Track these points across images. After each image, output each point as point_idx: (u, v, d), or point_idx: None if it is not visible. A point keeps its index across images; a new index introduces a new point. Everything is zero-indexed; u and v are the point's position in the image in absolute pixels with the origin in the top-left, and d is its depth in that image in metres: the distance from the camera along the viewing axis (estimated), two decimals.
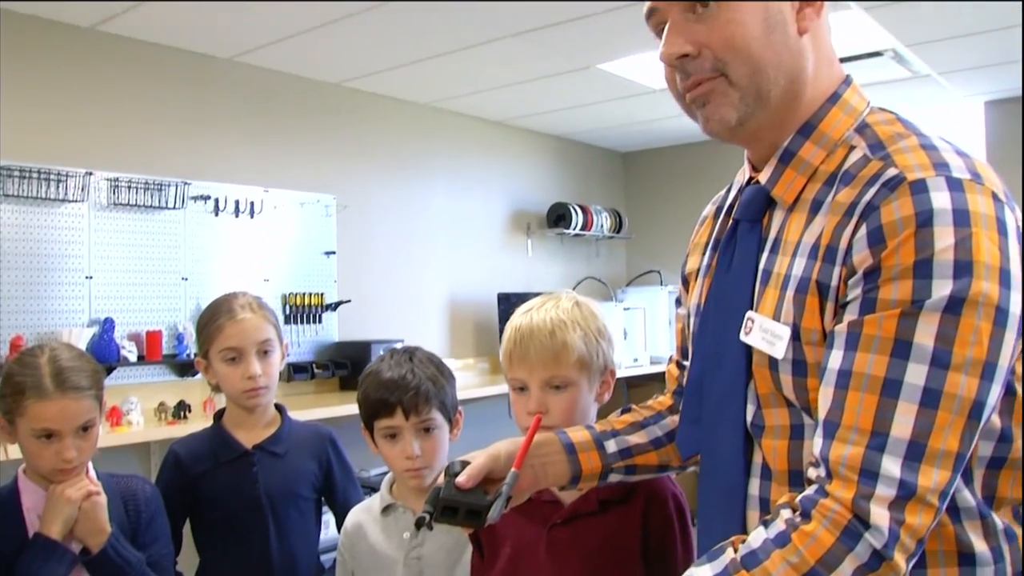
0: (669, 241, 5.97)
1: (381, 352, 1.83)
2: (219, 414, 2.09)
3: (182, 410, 3.36)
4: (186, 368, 3.64)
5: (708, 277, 1.21)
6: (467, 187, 5.25)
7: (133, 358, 3.48)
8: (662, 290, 5.77)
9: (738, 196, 1.18)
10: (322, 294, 4.27)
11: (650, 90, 4.62)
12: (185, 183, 3.73)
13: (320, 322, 4.25)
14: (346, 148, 4.55)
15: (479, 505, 1.16)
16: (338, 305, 4.33)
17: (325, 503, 2.14)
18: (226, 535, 2.00)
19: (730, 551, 0.95)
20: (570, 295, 1.58)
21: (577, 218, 5.68)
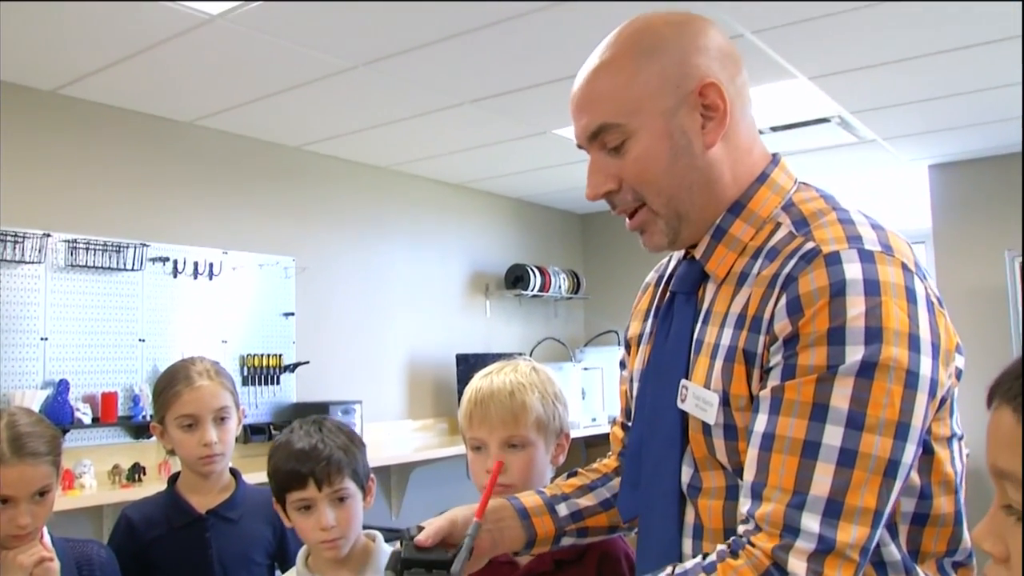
0: (627, 301, 5.80)
1: (339, 414, 1.84)
2: (173, 478, 2.08)
3: (136, 472, 3.34)
4: (141, 430, 3.61)
5: (649, 344, 1.27)
6: (425, 249, 5.29)
7: (88, 420, 3.44)
8: (620, 350, 5.74)
9: (676, 268, 1.25)
10: (280, 355, 4.27)
11: None
12: (144, 245, 3.74)
13: (278, 383, 4.24)
14: (305, 210, 4.59)
15: (442, 560, 1.18)
16: (296, 366, 4.32)
17: (278, 568, 2.13)
18: None
19: (668, 569, 1.02)
20: (528, 361, 1.65)
21: (535, 279, 5.73)
